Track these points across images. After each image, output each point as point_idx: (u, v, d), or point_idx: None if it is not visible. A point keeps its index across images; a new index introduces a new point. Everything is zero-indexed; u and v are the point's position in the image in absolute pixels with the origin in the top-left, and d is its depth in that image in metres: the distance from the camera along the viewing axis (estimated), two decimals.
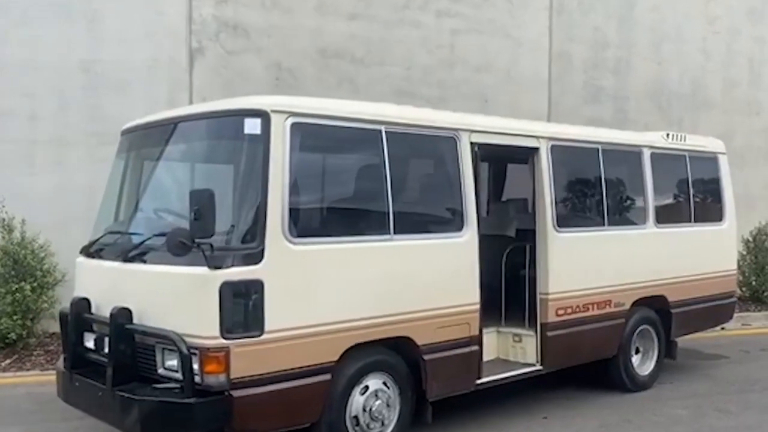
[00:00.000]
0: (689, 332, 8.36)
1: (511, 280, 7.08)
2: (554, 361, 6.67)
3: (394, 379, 5.47)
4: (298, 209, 4.87)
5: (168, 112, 5.45)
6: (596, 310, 6.98)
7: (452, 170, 5.88)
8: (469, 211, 5.89)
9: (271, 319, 4.67)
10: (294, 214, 4.82)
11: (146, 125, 5.63)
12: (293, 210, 4.81)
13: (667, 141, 7.97)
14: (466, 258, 5.88)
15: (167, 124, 5.40)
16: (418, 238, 5.54)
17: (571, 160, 6.98)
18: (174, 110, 5.41)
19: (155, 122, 5.53)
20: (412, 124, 5.59)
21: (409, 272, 5.46)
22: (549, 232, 6.55)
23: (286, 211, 4.74)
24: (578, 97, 13.37)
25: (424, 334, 5.55)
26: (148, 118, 5.66)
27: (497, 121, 6.43)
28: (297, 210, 4.86)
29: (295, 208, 4.84)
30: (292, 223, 4.79)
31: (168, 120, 5.41)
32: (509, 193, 8.63)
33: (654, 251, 7.60)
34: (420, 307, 5.51)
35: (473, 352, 5.94)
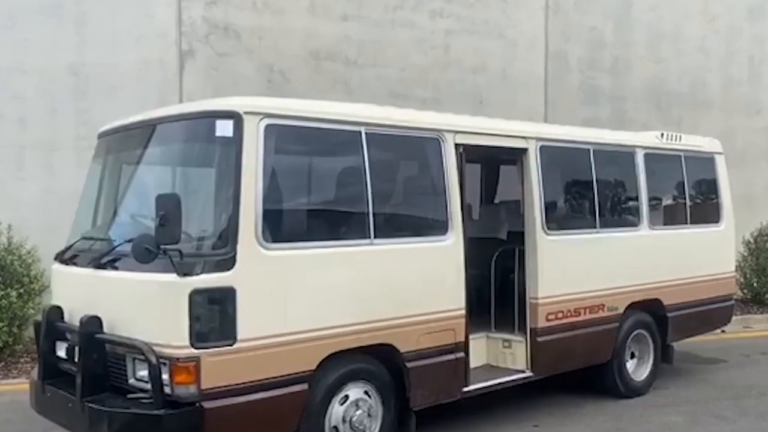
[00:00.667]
0: (686, 336, 8.18)
1: (501, 284, 6.92)
2: (545, 367, 6.50)
3: (376, 388, 5.31)
4: (272, 214, 4.72)
5: (144, 114, 5.30)
6: (588, 315, 6.81)
7: (436, 172, 5.73)
8: (454, 214, 5.73)
9: (244, 328, 4.51)
10: (268, 218, 4.66)
11: (121, 128, 5.49)
12: (267, 214, 4.65)
13: (661, 141, 7.80)
14: (451, 262, 5.71)
15: (141, 127, 5.26)
16: (399, 243, 5.38)
17: (561, 161, 6.82)
18: (150, 112, 5.26)
19: (130, 125, 5.38)
20: (393, 125, 5.43)
21: (391, 277, 5.30)
22: (538, 235, 6.39)
23: (260, 215, 4.59)
24: (575, 98, 13.19)
25: (406, 341, 5.39)
26: (124, 120, 5.51)
27: (483, 122, 6.27)
28: (271, 214, 4.71)
29: (270, 212, 4.68)
30: (266, 228, 4.64)
31: (142, 123, 5.26)
32: (502, 196, 8.48)
33: (648, 254, 7.42)
34: (402, 313, 5.35)
35: (459, 359, 5.78)
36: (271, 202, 4.71)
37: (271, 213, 4.71)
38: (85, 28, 10.39)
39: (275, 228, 4.73)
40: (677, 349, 8.50)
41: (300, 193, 5.01)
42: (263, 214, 4.61)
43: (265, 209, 4.62)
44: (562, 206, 6.92)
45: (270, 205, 4.68)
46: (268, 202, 4.66)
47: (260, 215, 4.59)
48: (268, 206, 4.65)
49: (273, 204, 4.73)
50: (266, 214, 4.64)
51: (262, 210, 4.60)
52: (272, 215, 4.71)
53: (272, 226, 4.69)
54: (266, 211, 4.64)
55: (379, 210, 5.26)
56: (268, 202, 4.66)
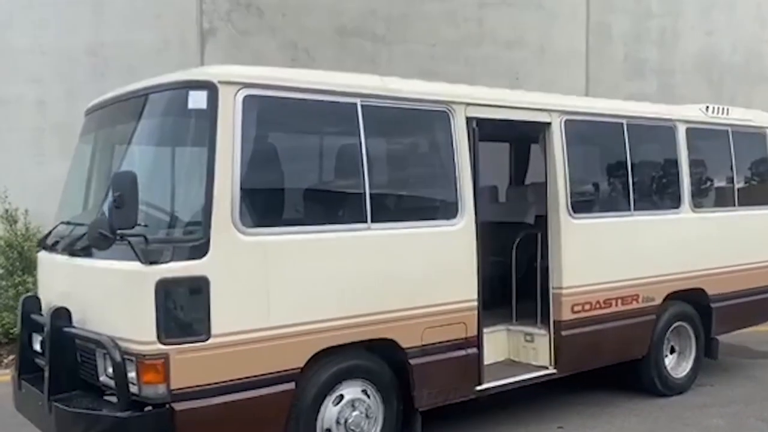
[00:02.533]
0: (733, 329, 7.47)
1: (523, 273, 6.34)
2: (569, 363, 5.91)
3: (376, 387, 4.83)
4: (252, 195, 4.25)
5: (124, 88, 4.88)
6: (620, 306, 6.19)
7: (445, 149, 5.18)
8: (465, 196, 5.18)
9: (220, 322, 4.07)
10: (247, 200, 4.20)
11: (103, 103, 5.09)
12: (246, 196, 4.19)
13: (706, 114, 7.09)
14: (462, 249, 5.17)
15: (119, 102, 4.85)
16: (401, 227, 4.86)
17: (589, 137, 6.20)
18: (130, 85, 4.83)
19: (109, 100, 4.98)
20: (394, 96, 4.89)
21: (391, 266, 4.80)
22: (562, 218, 5.79)
23: (237, 197, 4.12)
24: (619, 73, 12.45)
25: (409, 336, 4.89)
26: (108, 94, 5.11)
27: (499, 93, 5.67)
28: (251, 196, 4.24)
29: (249, 193, 4.22)
30: (245, 210, 4.18)
31: (119, 97, 4.85)
32: (533, 177, 7.86)
33: (690, 239, 6.75)
34: (404, 305, 4.84)
35: (470, 356, 5.25)
36: (251, 182, 4.23)
37: (251, 194, 4.24)
38: (103, 7, 10.11)
39: (255, 211, 4.26)
40: (725, 341, 7.82)
41: (285, 172, 4.50)
42: (241, 195, 4.14)
43: (243, 190, 4.16)
44: (590, 186, 6.30)
45: (249, 185, 4.21)
46: (248, 182, 4.19)
47: (237, 197, 4.12)
48: (247, 187, 4.19)
49: (253, 184, 4.26)
50: (245, 195, 4.17)
51: (240, 191, 4.14)
52: (252, 197, 4.24)
53: (252, 209, 4.23)
54: (245, 192, 4.17)
55: (377, 192, 4.75)
56: (248, 182, 4.19)
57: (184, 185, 4.27)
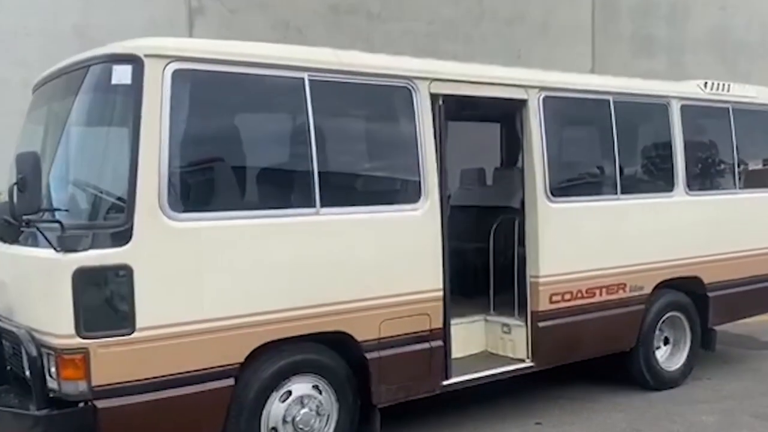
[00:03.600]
0: (732, 319, 7.05)
1: (501, 260, 5.98)
2: (547, 356, 5.56)
3: (329, 383, 4.52)
4: (183, 178, 3.94)
5: (62, 62, 4.59)
6: (605, 296, 5.81)
7: (406, 128, 4.83)
8: (429, 179, 4.83)
9: (146, 314, 3.77)
10: (177, 183, 3.90)
11: (44, 79, 4.82)
12: (176, 178, 3.88)
13: (704, 91, 6.64)
14: (425, 235, 4.83)
15: (54, 77, 4.57)
16: (355, 212, 4.53)
17: (571, 115, 5.80)
18: (68, 59, 4.53)
19: (49, 75, 4.71)
20: (347, 70, 4.54)
21: (343, 254, 4.47)
22: (540, 202, 5.41)
23: (165, 179, 3.81)
24: (626, 50, 11.95)
25: (365, 329, 4.57)
26: (50, 69, 4.83)
27: (468, 68, 5.28)
28: (182, 178, 3.93)
29: (179, 175, 3.91)
30: (175, 194, 3.87)
31: (54, 73, 4.58)
32: None
33: (684, 224, 6.34)
34: (358, 296, 4.52)
35: (435, 349, 4.91)
36: (182, 164, 3.92)
37: (182, 177, 3.93)
38: None
39: (187, 195, 3.96)
40: (729, 331, 7.44)
41: (222, 152, 4.17)
42: (170, 177, 3.83)
43: (172, 172, 3.85)
44: (572, 169, 5.89)
45: (179, 167, 3.90)
46: (178, 163, 3.88)
47: (165, 179, 3.81)
48: (176, 169, 3.88)
49: (184, 166, 3.94)
50: (174, 178, 3.86)
51: (168, 173, 3.83)
52: (183, 179, 3.94)
53: (183, 193, 3.93)
54: (174, 174, 3.86)
55: (327, 174, 4.42)
56: (178, 163, 3.88)
57: (108, 167, 3.97)
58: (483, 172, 7.27)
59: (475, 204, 7.00)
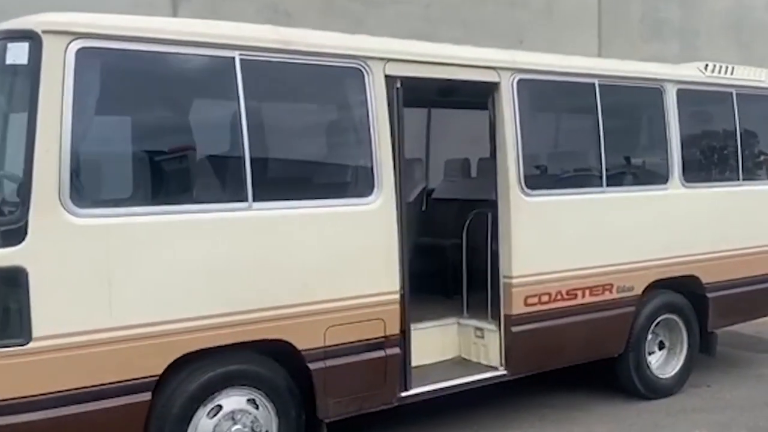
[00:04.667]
0: (734, 322, 6.53)
1: (475, 258, 5.50)
2: (522, 364, 5.09)
3: (267, 396, 4.08)
4: (87, 168, 3.51)
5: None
6: (588, 297, 5.32)
7: (357, 113, 4.37)
8: (384, 170, 4.36)
9: (43, 322, 3.36)
10: (81, 175, 3.47)
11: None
12: (79, 169, 3.45)
13: (704, 74, 6.08)
14: (378, 231, 4.37)
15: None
16: (295, 206, 4.07)
17: (550, 100, 5.32)
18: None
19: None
20: (289, 50, 4.08)
21: (281, 253, 4.02)
22: (513, 196, 4.93)
23: (66, 170, 3.39)
24: (635, 34, 11.28)
25: (307, 336, 4.13)
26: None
27: (432, 48, 4.80)
28: (86, 169, 3.50)
29: (83, 166, 3.48)
30: (78, 188, 3.45)
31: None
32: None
33: (680, 219, 5.82)
34: (298, 300, 4.07)
35: (391, 357, 4.46)
36: (87, 153, 3.49)
37: (86, 167, 3.49)
38: None
39: (93, 188, 3.55)
40: (737, 332, 6.91)
41: (136, 140, 3.74)
42: (72, 168, 3.40)
43: (75, 162, 3.42)
44: (550, 159, 5.41)
45: (84, 156, 3.47)
46: (82, 152, 3.45)
47: (67, 170, 3.39)
48: (80, 158, 3.45)
49: (89, 155, 3.52)
50: (77, 168, 3.43)
51: (70, 163, 3.40)
52: (87, 170, 3.50)
53: (87, 185, 3.50)
54: (77, 164, 3.43)
55: (262, 164, 3.98)
56: (82, 152, 3.45)
57: (1, 157, 3.56)
58: (468, 163, 6.78)
59: (458, 197, 6.52)
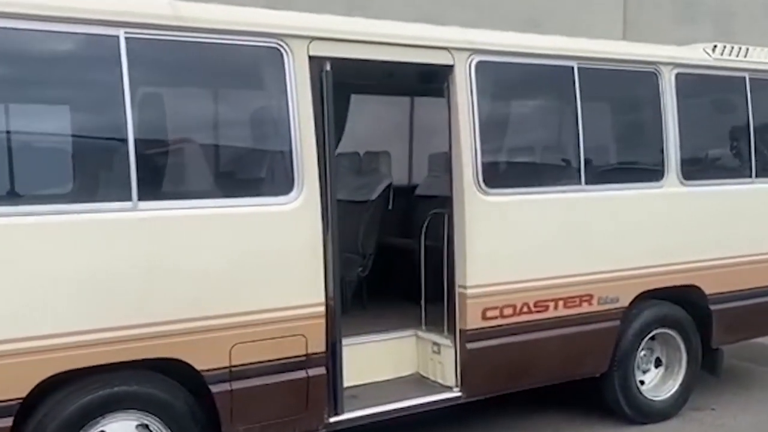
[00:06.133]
0: (744, 338, 5.77)
1: (434, 263, 4.90)
2: (480, 385, 4.49)
3: (162, 420, 3.59)
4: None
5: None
6: (562, 310, 4.68)
7: (274, 100, 3.83)
8: (306, 164, 3.81)
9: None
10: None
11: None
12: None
13: (711, 57, 5.34)
14: (298, 235, 3.82)
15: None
16: (190, 207, 3.55)
17: (517, 85, 4.66)
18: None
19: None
20: (182, 27, 3.55)
21: (174, 260, 3.51)
22: (468, 194, 4.32)
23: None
24: (665, 16, 10.45)
25: (207, 355, 3.61)
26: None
27: (369, 25, 4.20)
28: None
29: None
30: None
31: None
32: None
33: (678, 221, 5.12)
34: (196, 314, 3.56)
35: (315, 378, 3.91)
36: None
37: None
38: None
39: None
40: (752, 345, 6.18)
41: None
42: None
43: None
44: (516, 152, 4.77)
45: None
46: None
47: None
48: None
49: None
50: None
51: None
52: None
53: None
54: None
55: (150, 158, 3.47)
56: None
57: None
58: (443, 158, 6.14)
59: (440, 194, 5.92)
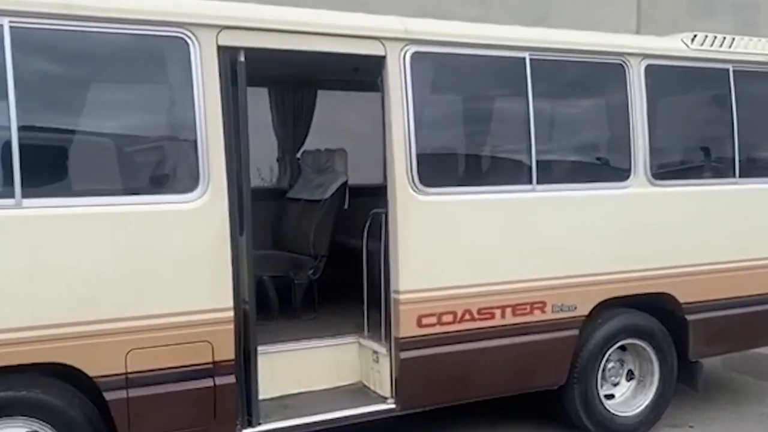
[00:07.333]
0: (725, 350, 5.38)
1: (374, 267, 4.63)
2: (415, 396, 4.21)
3: (56, 428, 3.42)
4: None
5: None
6: (510, 318, 4.38)
7: (178, 92, 3.63)
8: (213, 161, 3.60)
9: None
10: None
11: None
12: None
13: (690, 47, 4.96)
14: (202, 235, 3.61)
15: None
16: (81, 204, 3.37)
17: (460, 78, 4.36)
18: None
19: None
20: (73, 15, 3.37)
21: (58, 260, 3.32)
22: (400, 194, 4.05)
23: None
24: (682, 8, 10.00)
25: (101, 361, 3.43)
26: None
27: (288, 14, 3.94)
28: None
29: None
30: None
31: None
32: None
33: (646, 224, 4.76)
34: (87, 317, 3.38)
35: (223, 387, 3.69)
36: None
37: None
38: None
39: None
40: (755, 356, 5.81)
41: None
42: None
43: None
44: (457, 150, 4.47)
45: None
46: None
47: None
48: None
49: None
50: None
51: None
52: None
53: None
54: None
55: (37, 152, 3.30)
56: None
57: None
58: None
59: None
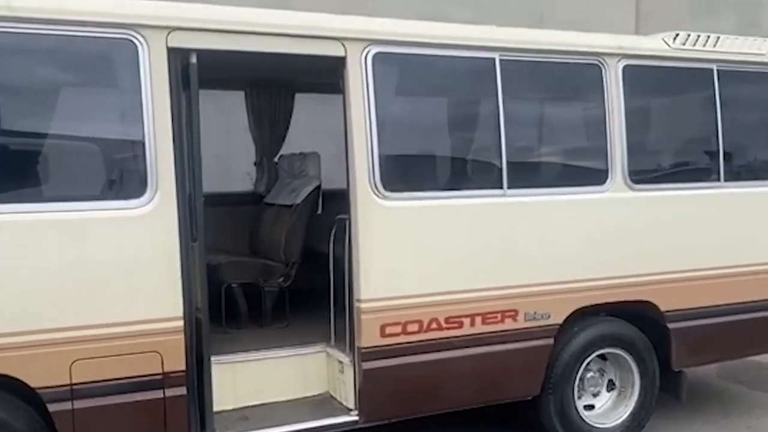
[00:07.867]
0: (711, 360, 5.22)
1: (339, 274, 4.51)
2: (378, 408, 4.08)
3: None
4: None
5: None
6: (480, 327, 4.24)
7: (127, 96, 3.53)
8: (161, 166, 3.50)
9: None
10: None
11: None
12: None
13: (671, 47, 4.79)
14: (150, 242, 3.51)
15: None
16: (15, 211, 3.29)
17: (425, 80, 4.24)
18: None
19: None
20: (10, 17, 3.28)
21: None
22: (363, 199, 3.93)
23: None
24: (682, 7, 9.80)
25: (41, 371, 3.34)
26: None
27: (241, 14, 3.81)
28: None
29: None
30: None
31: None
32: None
33: (624, 229, 4.61)
34: (25, 327, 3.29)
35: (173, 399, 3.59)
36: None
37: None
38: None
39: None
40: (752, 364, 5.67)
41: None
42: None
43: None
44: (423, 153, 4.33)
45: None
46: None
47: None
48: None
49: None
50: None
51: None
52: None
53: None
54: None
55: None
56: None
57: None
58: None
59: None
